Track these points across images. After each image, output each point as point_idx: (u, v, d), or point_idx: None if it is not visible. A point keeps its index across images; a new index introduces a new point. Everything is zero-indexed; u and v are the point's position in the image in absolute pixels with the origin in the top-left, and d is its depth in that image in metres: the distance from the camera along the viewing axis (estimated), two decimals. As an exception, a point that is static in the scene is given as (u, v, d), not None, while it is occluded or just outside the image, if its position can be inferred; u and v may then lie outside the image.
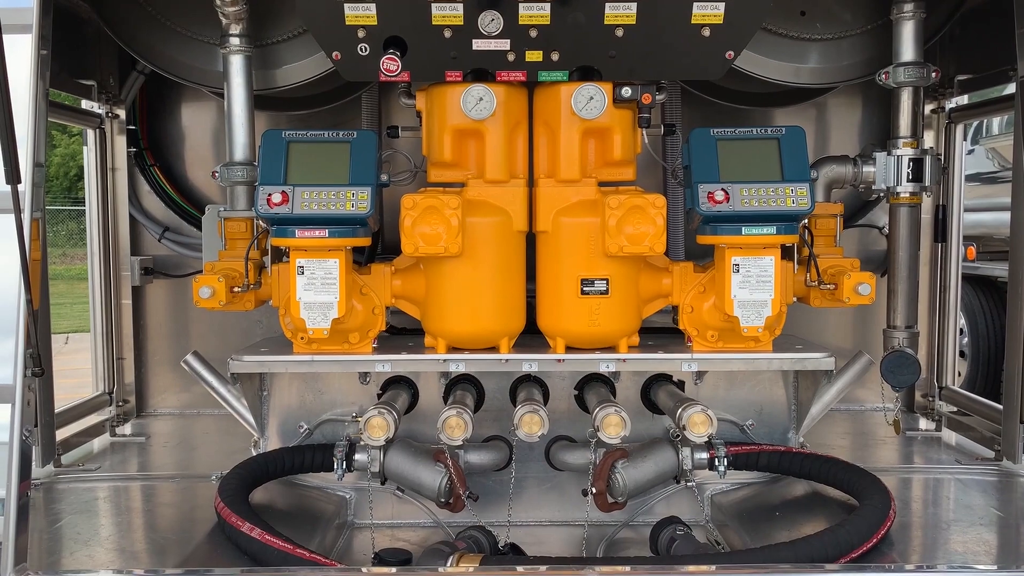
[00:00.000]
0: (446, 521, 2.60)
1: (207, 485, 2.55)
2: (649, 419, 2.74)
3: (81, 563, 2.04)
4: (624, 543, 2.60)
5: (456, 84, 2.32)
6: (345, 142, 2.34)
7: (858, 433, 3.17)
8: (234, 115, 2.55)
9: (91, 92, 3.17)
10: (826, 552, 1.99)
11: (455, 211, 2.28)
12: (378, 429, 2.35)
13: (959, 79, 3.17)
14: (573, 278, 2.38)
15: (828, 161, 2.59)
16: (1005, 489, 2.58)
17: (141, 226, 3.37)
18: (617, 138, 2.37)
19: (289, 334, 2.45)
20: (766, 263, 2.32)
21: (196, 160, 3.41)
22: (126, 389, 3.35)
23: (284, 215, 2.26)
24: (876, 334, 2.88)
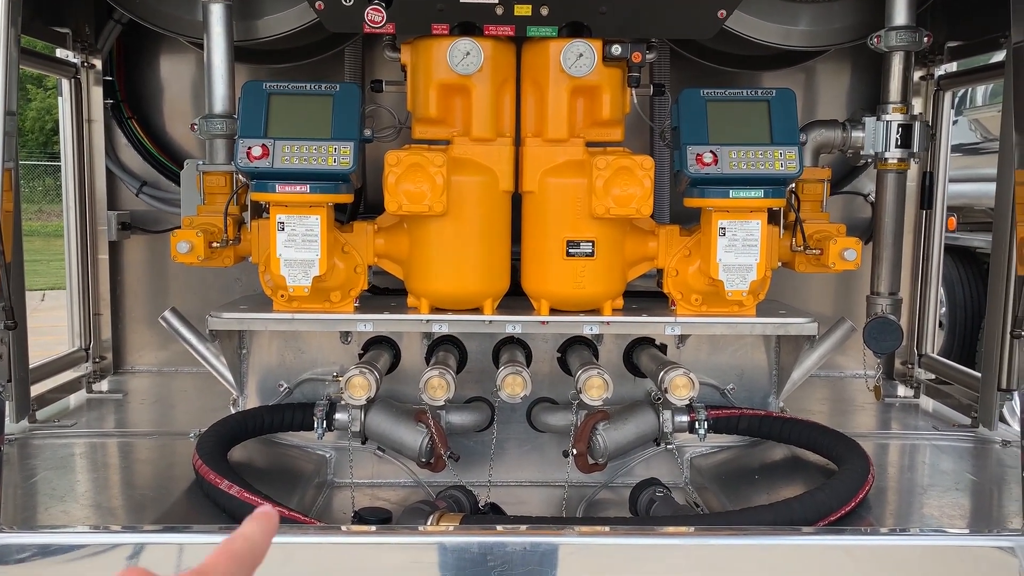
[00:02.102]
0: (427, 481, 2.60)
1: (185, 442, 2.53)
2: (631, 382, 2.75)
3: (56, 519, 2.02)
4: (604, 504, 2.62)
5: (442, 38, 2.26)
6: (327, 95, 2.28)
7: (838, 399, 3.20)
8: (213, 66, 2.49)
9: (66, 40, 3.08)
10: (804, 515, 2.01)
11: (440, 169, 2.25)
12: (359, 388, 2.34)
13: (949, 46, 3.14)
14: (559, 240, 2.35)
15: (817, 125, 2.57)
16: (980, 455, 2.61)
17: (118, 180, 3.30)
18: (606, 97, 2.33)
19: (269, 291, 2.42)
20: (752, 227, 2.30)
21: (175, 113, 3.34)
22: (103, 345, 3.31)
23: (264, 169, 2.22)
24: (859, 301, 2.88)
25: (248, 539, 0.69)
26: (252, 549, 0.68)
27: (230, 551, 0.67)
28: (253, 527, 0.70)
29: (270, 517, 0.71)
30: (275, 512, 0.72)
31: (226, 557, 0.67)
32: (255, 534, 0.69)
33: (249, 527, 0.70)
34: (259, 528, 0.70)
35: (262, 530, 0.70)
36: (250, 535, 0.69)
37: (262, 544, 0.69)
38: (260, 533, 0.70)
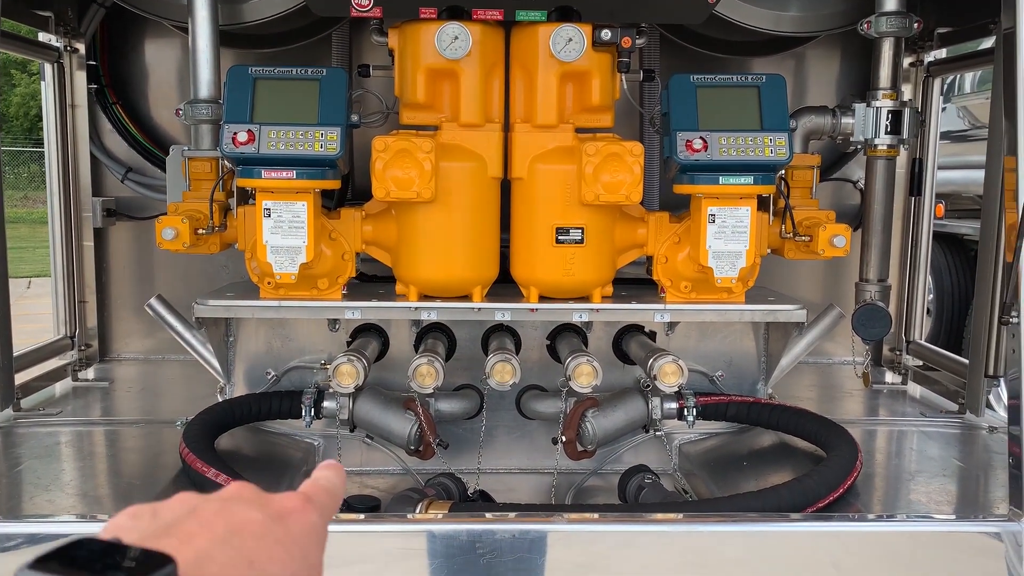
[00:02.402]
0: (416, 468, 2.60)
1: (172, 431, 2.52)
2: (620, 369, 2.74)
3: (41, 508, 2.01)
4: (593, 491, 2.62)
5: (430, 22, 2.24)
6: (314, 80, 2.26)
7: (826, 385, 3.21)
8: (198, 50, 2.46)
9: (48, 24, 3.03)
10: (792, 502, 2.01)
11: (428, 155, 2.23)
12: (347, 376, 2.32)
13: (939, 32, 3.14)
14: (548, 227, 2.34)
15: (807, 111, 2.56)
16: (967, 441, 2.62)
17: (103, 166, 3.27)
18: (596, 82, 2.31)
19: (256, 279, 2.40)
20: (742, 214, 2.29)
21: (160, 98, 3.30)
22: (88, 333, 3.28)
23: (250, 155, 2.19)
24: (847, 288, 2.89)
25: (328, 479, 0.69)
26: (334, 486, 0.69)
27: (318, 484, 0.68)
28: (326, 472, 0.70)
29: (338, 465, 0.72)
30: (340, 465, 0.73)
31: (318, 488, 0.67)
32: (332, 476, 0.70)
33: (322, 472, 0.70)
34: (333, 472, 0.71)
35: (336, 474, 0.70)
36: (328, 476, 0.70)
37: (341, 485, 0.70)
38: (336, 476, 0.70)
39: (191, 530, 0.56)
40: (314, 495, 0.65)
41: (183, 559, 0.51)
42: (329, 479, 0.69)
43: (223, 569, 0.54)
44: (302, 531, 0.61)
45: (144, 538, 0.54)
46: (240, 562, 0.55)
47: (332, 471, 0.71)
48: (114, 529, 0.57)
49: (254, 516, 0.59)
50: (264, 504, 0.61)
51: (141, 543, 0.51)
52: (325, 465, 0.72)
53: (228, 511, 0.58)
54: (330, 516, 0.66)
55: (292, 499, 0.63)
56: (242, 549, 0.56)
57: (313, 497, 0.65)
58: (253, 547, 0.56)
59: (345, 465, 2.38)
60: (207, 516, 0.57)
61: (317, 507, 0.64)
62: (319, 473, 0.70)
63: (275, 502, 0.62)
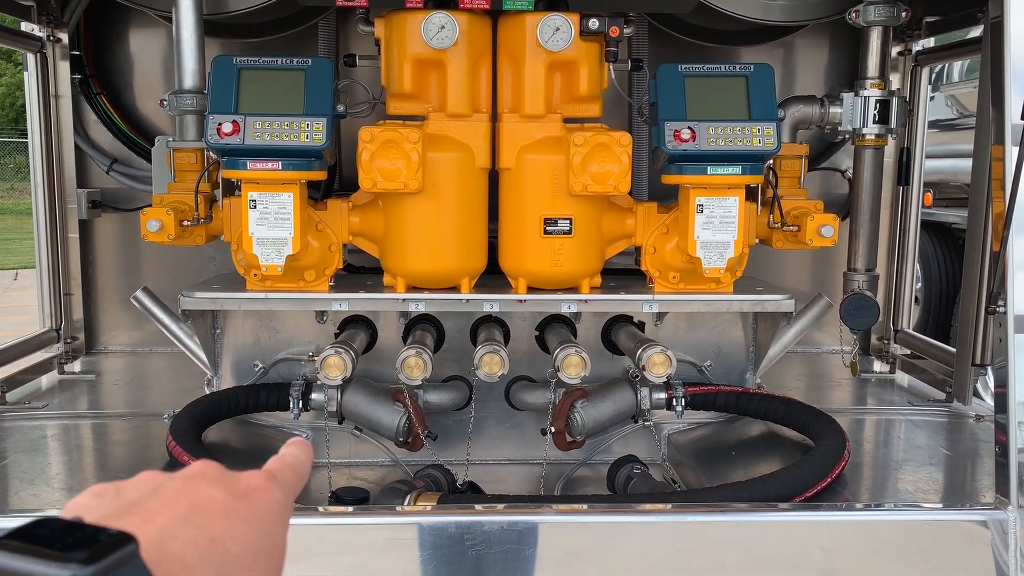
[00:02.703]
0: (404, 460, 2.59)
1: (159, 424, 2.50)
2: (609, 360, 2.74)
3: (26, 502, 1.99)
4: (582, 481, 2.62)
5: (417, 11, 2.22)
6: (299, 70, 2.24)
7: (814, 375, 3.21)
8: (183, 40, 2.43)
9: (30, 13, 3.00)
10: (781, 491, 2.02)
11: (415, 145, 2.21)
12: (335, 368, 2.31)
13: (927, 21, 3.13)
14: (536, 217, 2.33)
15: (795, 101, 2.56)
16: (954, 430, 2.63)
17: (88, 158, 3.24)
18: (584, 72, 2.30)
19: (242, 271, 2.38)
20: (730, 204, 2.29)
21: (145, 89, 3.27)
22: (74, 326, 3.26)
23: (235, 146, 2.17)
24: (836, 277, 2.89)
25: (295, 456, 0.70)
26: (300, 464, 0.70)
27: (284, 461, 0.68)
28: (293, 448, 0.71)
29: (306, 444, 0.72)
30: (308, 441, 0.73)
31: (284, 465, 0.68)
32: (299, 453, 0.70)
33: (289, 448, 0.71)
34: (299, 449, 0.71)
35: (302, 450, 0.71)
36: (295, 453, 0.70)
37: (307, 462, 0.71)
38: (302, 453, 0.71)
39: (153, 508, 0.56)
40: (278, 472, 0.66)
41: (144, 537, 0.51)
42: (296, 456, 0.70)
43: (185, 547, 0.54)
44: (265, 509, 0.61)
45: (106, 517, 0.54)
46: (202, 540, 0.55)
47: (298, 447, 0.71)
48: (76, 508, 0.57)
49: (217, 494, 0.59)
50: (228, 482, 0.61)
51: (103, 522, 0.51)
52: (292, 442, 0.72)
53: (191, 489, 0.58)
54: (294, 493, 0.67)
55: (256, 477, 0.63)
56: (204, 527, 0.56)
57: (277, 474, 0.65)
58: (216, 525, 0.57)
59: (334, 457, 2.37)
60: (170, 494, 0.57)
61: (281, 484, 0.64)
62: (285, 450, 0.71)
63: (239, 480, 0.62)
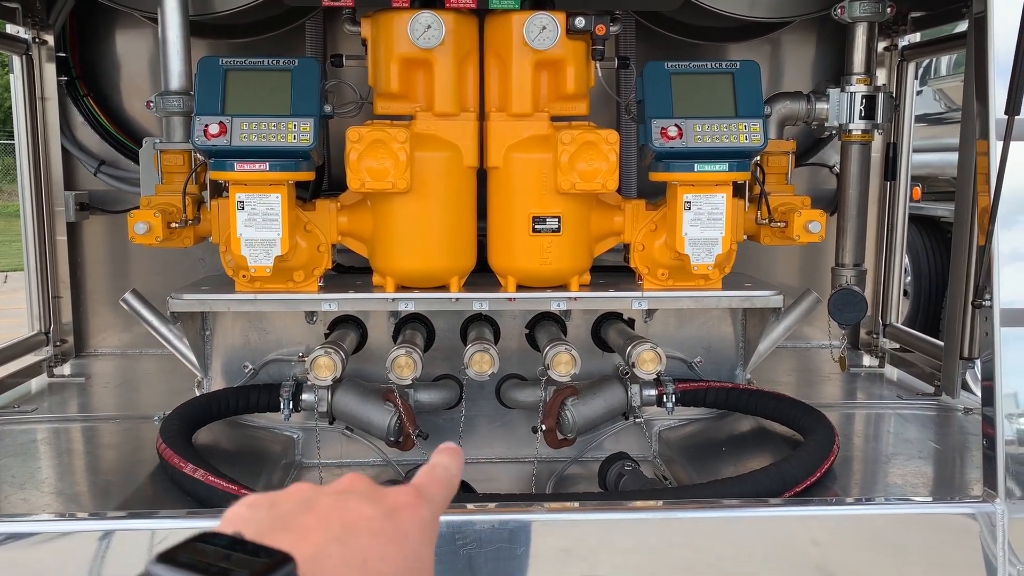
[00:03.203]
0: (396, 459, 2.59)
1: (150, 426, 2.50)
2: (599, 357, 2.75)
3: (16, 507, 1.99)
4: (573, 479, 2.62)
5: (403, 10, 2.22)
6: (286, 70, 2.23)
7: (804, 370, 3.23)
8: (168, 41, 2.42)
9: (15, 15, 2.99)
10: (771, 487, 2.03)
11: (403, 145, 2.21)
12: (325, 369, 2.31)
13: (912, 16, 3.15)
14: (524, 215, 2.33)
15: (781, 97, 2.57)
16: (943, 423, 2.65)
17: (76, 160, 3.22)
18: (570, 70, 2.30)
19: (231, 272, 2.38)
20: (718, 200, 2.30)
21: (133, 90, 3.26)
22: (63, 328, 3.25)
23: (222, 147, 2.17)
24: (824, 272, 2.90)
25: (446, 468, 0.67)
26: (450, 477, 0.67)
27: (433, 475, 0.66)
28: (443, 458, 0.68)
29: (456, 450, 0.70)
30: (458, 447, 0.70)
31: (432, 480, 0.65)
32: (450, 464, 0.68)
33: (440, 457, 0.68)
34: (450, 458, 0.68)
35: (453, 460, 0.68)
36: (446, 464, 0.68)
37: (457, 474, 0.68)
38: (453, 464, 0.68)
39: (307, 524, 0.56)
40: (427, 487, 0.64)
41: (300, 556, 0.51)
42: (446, 467, 0.67)
43: (338, 568, 0.53)
44: (414, 528, 0.60)
45: (262, 532, 0.54)
46: (355, 560, 0.55)
47: (448, 456, 0.68)
48: (234, 520, 0.57)
49: (368, 512, 0.58)
50: (377, 499, 0.60)
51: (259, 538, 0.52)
52: (442, 449, 0.69)
53: (343, 505, 0.58)
54: (442, 509, 0.65)
55: (404, 494, 0.62)
56: (356, 547, 0.55)
57: (425, 490, 0.63)
58: (367, 545, 0.56)
59: (325, 457, 2.36)
60: (323, 510, 0.57)
61: (428, 501, 0.63)
62: (436, 459, 0.68)
63: (388, 497, 0.61)
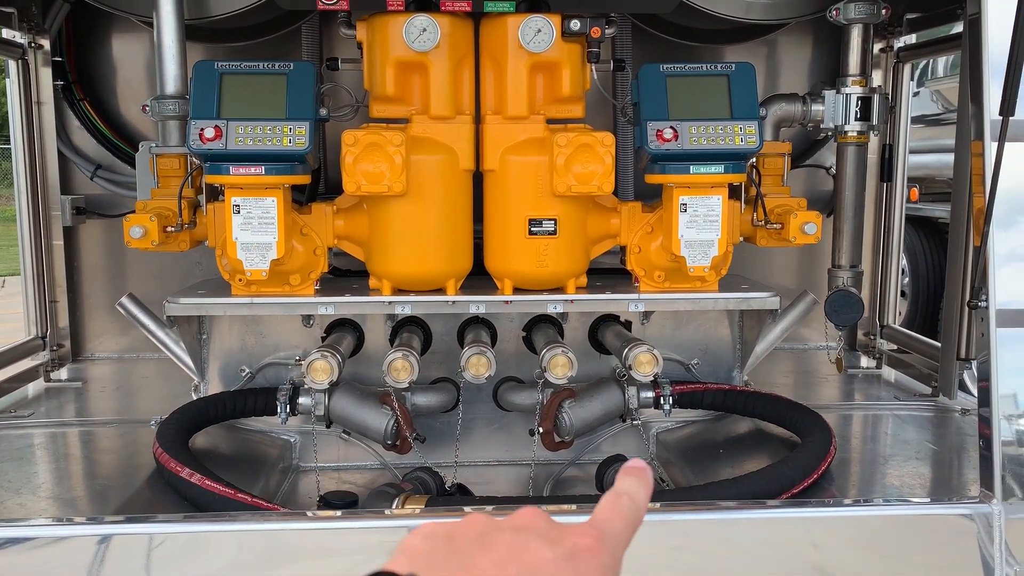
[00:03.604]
0: (393, 463, 2.59)
1: (147, 430, 2.49)
2: (596, 359, 2.75)
3: (13, 512, 1.98)
4: (571, 481, 2.62)
5: (398, 13, 2.22)
6: (281, 74, 2.23)
7: (801, 371, 3.23)
8: (164, 45, 2.42)
9: (11, 20, 2.99)
10: (768, 488, 2.03)
11: (399, 148, 2.21)
12: (321, 372, 2.31)
13: (908, 17, 3.15)
14: (521, 218, 2.33)
15: (777, 99, 2.57)
16: (941, 424, 2.65)
17: (72, 164, 3.22)
18: (566, 73, 2.31)
19: (227, 276, 2.38)
20: (713, 202, 2.30)
21: (129, 94, 3.25)
22: (60, 333, 3.24)
23: (217, 151, 2.17)
24: (821, 274, 2.90)
25: (632, 498, 0.64)
26: (637, 509, 0.64)
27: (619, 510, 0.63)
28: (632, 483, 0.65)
29: (645, 471, 0.66)
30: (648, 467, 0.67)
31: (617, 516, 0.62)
32: (638, 492, 0.64)
33: (628, 483, 0.65)
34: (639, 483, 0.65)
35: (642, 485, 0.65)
36: (634, 493, 0.64)
37: (645, 503, 0.64)
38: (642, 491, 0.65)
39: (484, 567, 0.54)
40: (610, 525, 0.61)
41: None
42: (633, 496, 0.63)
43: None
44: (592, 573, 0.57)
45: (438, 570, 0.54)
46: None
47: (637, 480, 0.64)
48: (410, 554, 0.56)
49: (546, 555, 0.57)
50: (556, 539, 0.58)
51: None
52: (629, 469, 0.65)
53: (520, 546, 0.57)
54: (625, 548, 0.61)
55: (586, 535, 0.59)
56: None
57: (608, 529, 0.60)
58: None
59: (322, 461, 2.36)
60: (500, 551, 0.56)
61: (610, 543, 0.60)
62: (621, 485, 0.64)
63: (567, 537, 0.59)
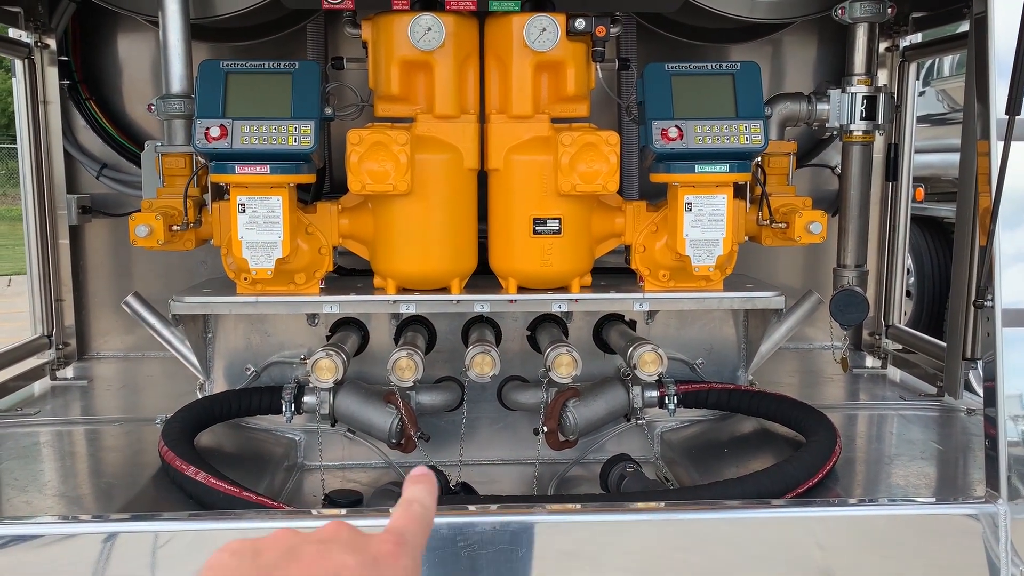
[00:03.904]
0: (397, 461, 2.59)
1: (152, 429, 2.50)
2: (601, 358, 2.75)
3: (18, 510, 1.99)
4: (575, 480, 2.62)
5: (403, 13, 2.22)
6: (287, 73, 2.23)
7: (806, 371, 3.22)
8: (170, 45, 2.43)
9: (18, 20, 2.99)
10: (773, 488, 2.02)
11: (403, 147, 2.21)
12: (326, 371, 2.31)
13: (913, 16, 3.14)
14: (525, 217, 2.33)
15: (782, 98, 2.57)
16: (946, 424, 2.64)
17: (78, 163, 3.23)
18: (571, 72, 2.30)
19: (232, 275, 2.38)
20: (718, 202, 2.29)
21: (135, 93, 3.26)
22: (66, 331, 3.25)
23: (223, 150, 2.17)
24: (826, 273, 2.90)
25: (422, 503, 0.69)
26: (427, 512, 0.69)
27: (413, 516, 0.68)
28: (419, 490, 0.70)
29: (429, 477, 0.71)
30: (431, 472, 0.72)
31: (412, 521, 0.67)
32: (426, 497, 0.69)
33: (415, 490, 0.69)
34: (425, 490, 0.70)
35: (428, 491, 0.70)
36: (422, 499, 0.69)
37: (433, 506, 0.69)
38: (428, 496, 0.70)
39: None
40: (407, 530, 0.65)
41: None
42: (423, 502, 0.68)
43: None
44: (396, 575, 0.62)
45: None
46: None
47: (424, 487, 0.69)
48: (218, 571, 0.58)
49: (351, 562, 0.60)
50: (360, 547, 0.62)
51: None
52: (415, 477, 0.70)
53: (326, 556, 0.60)
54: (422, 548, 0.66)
55: (387, 542, 0.63)
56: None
57: (406, 535, 0.65)
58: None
59: (327, 460, 2.36)
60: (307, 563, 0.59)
61: (410, 546, 0.64)
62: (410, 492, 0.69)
63: (370, 545, 0.62)
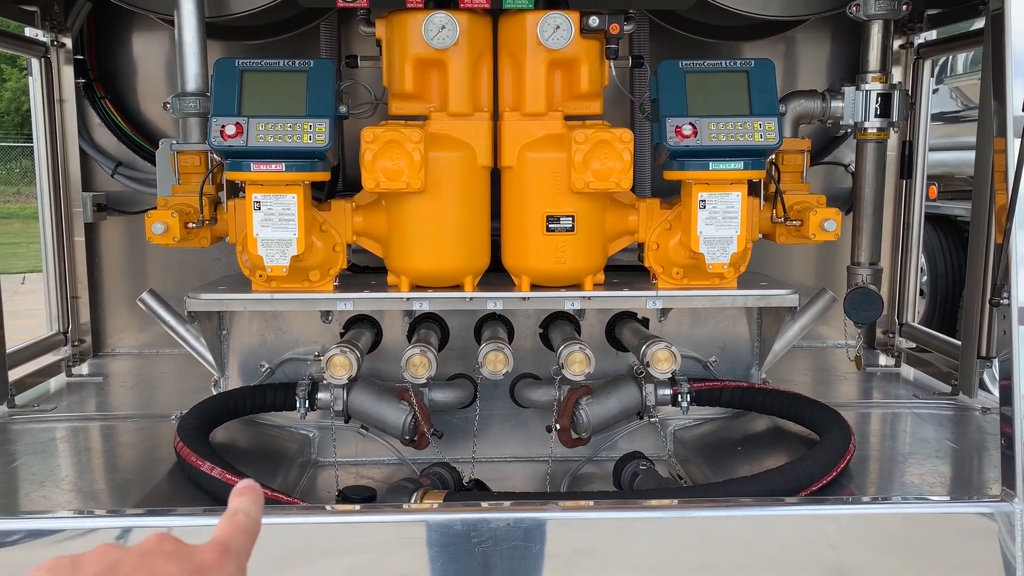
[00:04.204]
0: (411, 458, 2.60)
1: (167, 425, 2.52)
2: (614, 356, 2.75)
3: (37, 504, 2.01)
4: (588, 478, 2.63)
5: (417, 11, 2.23)
6: (301, 71, 2.24)
7: (820, 369, 3.21)
8: (185, 43, 2.44)
9: (34, 19, 3.02)
10: (787, 486, 2.02)
11: (417, 145, 2.22)
12: (340, 368, 2.32)
13: (928, 13, 3.13)
14: (538, 215, 2.34)
15: (796, 96, 2.56)
16: (960, 422, 2.63)
17: (93, 161, 3.25)
18: (584, 70, 2.31)
19: (247, 272, 2.39)
20: (733, 199, 2.29)
21: (149, 92, 3.28)
22: (82, 328, 3.28)
23: (238, 148, 2.18)
24: (840, 271, 2.89)
25: (247, 513, 0.71)
26: (252, 522, 0.71)
27: (237, 525, 0.69)
28: (243, 501, 0.72)
29: (254, 488, 0.73)
30: (256, 484, 0.74)
31: (236, 530, 0.69)
32: (250, 507, 0.71)
33: (240, 502, 0.72)
34: (250, 501, 0.72)
35: (253, 502, 0.72)
36: (247, 509, 0.71)
37: (258, 516, 0.71)
38: (253, 506, 0.72)
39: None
40: (231, 540, 0.67)
41: None
42: (247, 512, 0.71)
43: None
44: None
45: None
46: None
47: (248, 499, 0.72)
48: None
49: (173, 572, 0.61)
50: (182, 557, 0.63)
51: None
52: (240, 491, 0.72)
53: (148, 567, 0.61)
54: (248, 554, 0.68)
55: (210, 552, 0.65)
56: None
57: (231, 543, 0.67)
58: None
59: (340, 456, 2.37)
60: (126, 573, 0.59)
61: (234, 555, 0.66)
62: (235, 503, 0.71)
63: (194, 555, 0.64)
